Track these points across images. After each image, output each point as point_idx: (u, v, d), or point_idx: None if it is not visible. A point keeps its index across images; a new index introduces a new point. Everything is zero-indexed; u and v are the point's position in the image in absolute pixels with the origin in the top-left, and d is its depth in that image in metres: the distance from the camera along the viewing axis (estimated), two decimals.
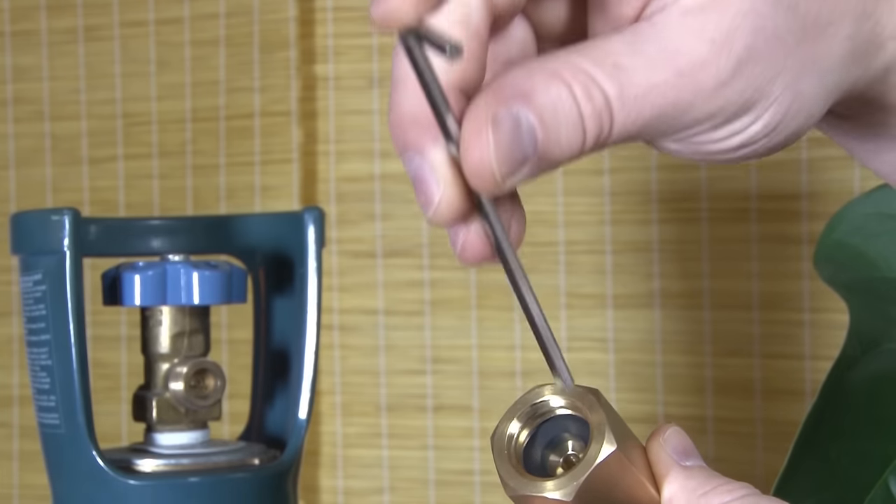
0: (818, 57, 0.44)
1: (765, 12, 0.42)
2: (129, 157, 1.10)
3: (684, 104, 0.42)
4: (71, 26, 1.11)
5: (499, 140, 0.41)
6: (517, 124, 0.41)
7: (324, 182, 1.06)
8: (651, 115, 0.42)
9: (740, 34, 0.42)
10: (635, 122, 0.42)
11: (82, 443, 0.70)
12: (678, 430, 0.46)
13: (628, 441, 0.45)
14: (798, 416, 0.91)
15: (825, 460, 0.67)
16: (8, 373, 1.13)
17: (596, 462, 0.43)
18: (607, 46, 0.42)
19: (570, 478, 0.44)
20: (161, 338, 0.74)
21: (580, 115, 0.41)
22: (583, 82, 0.41)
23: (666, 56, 0.42)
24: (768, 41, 0.43)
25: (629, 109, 0.42)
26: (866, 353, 0.70)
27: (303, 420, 0.75)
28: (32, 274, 0.72)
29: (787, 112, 0.44)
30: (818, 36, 0.44)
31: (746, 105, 0.43)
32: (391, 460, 1.04)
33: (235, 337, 1.06)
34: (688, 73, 0.42)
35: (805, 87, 0.44)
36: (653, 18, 0.43)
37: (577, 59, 0.42)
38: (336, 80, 1.05)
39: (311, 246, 0.76)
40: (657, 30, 0.42)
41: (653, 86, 0.42)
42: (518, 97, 0.41)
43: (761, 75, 0.43)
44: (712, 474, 0.45)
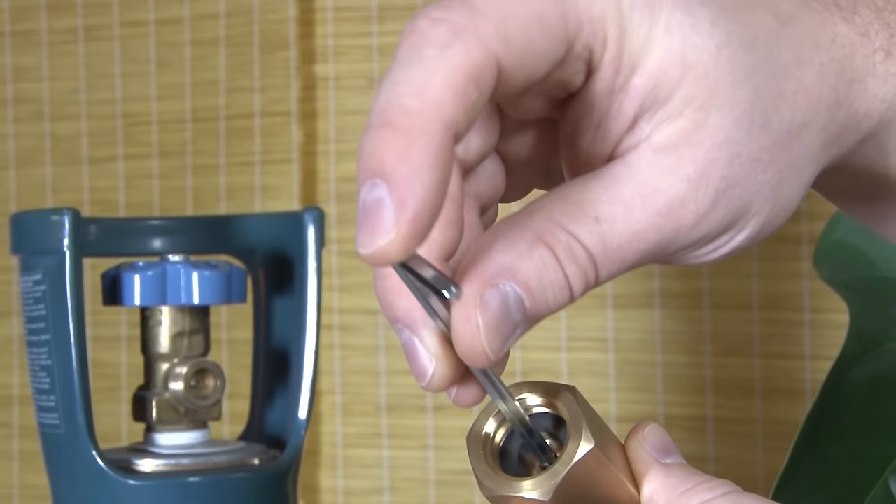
0: (794, 160, 0.44)
1: (739, 139, 0.43)
2: (129, 157, 1.10)
3: (666, 241, 0.43)
4: (71, 26, 1.11)
5: (488, 321, 0.41)
6: (505, 300, 0.41)
7: (324, 182, 1.06)
8: (634, 259, 0.42)
9: (716, 167, 0.42)
10: (620, 267, 0.42)
11: (82, 443, 0.70)
12: (657, 428, 0.46)
13: (606, 439, 0.44)
14: (798, 416, 0.91)
15: (825, 460, 0.67)
16: (8, 373, 1.13)
17: (574, 460, 0.43)
18: (585, 196, 0.42)
19: (548, 477, 0.43)
20: (161, 338, 0.74)
21: (565, 276, 0.41)
22: (565, 243, 0.41)
23: (644, 198, 0.42)
24: (744, 166, 0.43)
25: (613, 259, 0.42)
26: (866, 353, 0.70)
27: (303, 420, 0.75)
28: (32, 274, 0.72)
29: (767, 219, 0.44)
30: (793, 142, 0.44)
31: (728, 226, 0.44)
32: (391, 460, 1.04)
33: (235, 337, 1.06)
34: (667, 213, 0.42)
35: (784, 191, 0.44)
36: (627, 158, 0.43)
37: (557, 218, 0.42)
38: (336, 80, 1.05)
39: (310, 246, 0.76)
40: (632, 170, 0.42)
41: (634, 233, 0.42)
42: (503, 273, 0.41)
43: (740, 198, 0.43)
44: (692, 472, 0.45)
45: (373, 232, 0.38)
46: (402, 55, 0.40)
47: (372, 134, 0.39)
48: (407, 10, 1.03)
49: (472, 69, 0.39)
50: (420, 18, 0.40)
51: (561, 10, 0.41)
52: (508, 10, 0.41)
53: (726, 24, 0.43)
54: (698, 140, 0.42)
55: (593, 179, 0.42)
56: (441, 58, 0.39)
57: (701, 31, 0.42)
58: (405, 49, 0.40)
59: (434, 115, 0.39)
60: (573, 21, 0.42)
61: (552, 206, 0.42)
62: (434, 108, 0.39)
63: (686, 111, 0.42)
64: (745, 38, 0.43)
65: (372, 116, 0.39)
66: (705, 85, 0.42)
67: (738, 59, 0.43)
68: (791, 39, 0.44)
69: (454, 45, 0.40)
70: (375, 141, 0.38)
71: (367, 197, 0.38)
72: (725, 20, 0.43)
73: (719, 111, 0.42)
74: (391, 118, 0.38)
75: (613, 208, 0.42)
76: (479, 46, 0.40)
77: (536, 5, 0.41)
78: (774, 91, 0.43)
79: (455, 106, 0.39)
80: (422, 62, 0.39)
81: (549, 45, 0.41)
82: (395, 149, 0.38)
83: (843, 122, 0.45)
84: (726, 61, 0.42)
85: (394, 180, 0.38)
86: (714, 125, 0.42)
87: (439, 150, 0.38)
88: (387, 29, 1.04)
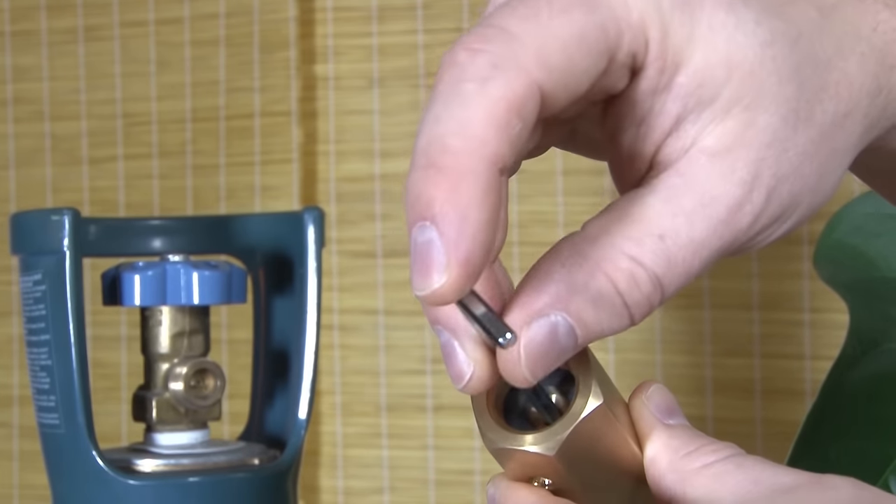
0: (836, 149, 0.44)
1: (786, 135, 0.43)
2: (129, 157, 1.10)
3: (726, 245, 0.43)
4: (71, 26, 1.11)
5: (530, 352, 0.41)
6: (553, 330, 0.41)
7: (324, 182, 1.06)
8: (699, 268, 0.42)
9: (767, 166, 0.42)
10: (685, 280, 0.42)
11: (82, 443, 0.70)
12: (661, 388, 0.46)
13: (614, 397, 0.44)
14: (798, 416, 0.91)
15: (825, 460, 0.67)
16: (8, 373, 1.13)
17: (581, 416, 0.42)
18: (645, 212, 0.42)
19: (554, 431, 0.42)
20: (161, 338, 0.74)
21: (625, 305, 0.41)
22: (627, 272, 0.41)
23: (704, 206, 0.42)
24: (792, 161, 0.43)
25: (678, 274, 0.42)
26: (866, 353, 0.70)
27: (303, 420, 0.75)
28: (32, 274, 0.72)
29: (811, 206, 0.44)
30: (836, 132, 0.44)
31: (778, 219, 0.44)
32: (391, 460, 1.04)
33: (235, 337, 1.05)
34: (727, 219, 0.42)
35: (827, 179, 0.44)
36: (679, 166, 0.42)
37: (619, 243, 0.41)
38: (336, 80, 1.05)
39: (310, 246, 0.76)
40: (687, 180, 0.42)
41: (698, 243, 0.42)
42: (555, 304, 0.41)
43: (790, 192, 0.43)
44: (696, 433, 0.45)
45: (426, 275, 0.38)
46: (442, 89, 0.40)
47: (418, 175, 0.38)
48: (407, 9, 1.03)
49: (514, 101, 0.39)
50: (458, 49, 0.40)
51: (600, 23, 0.41)
52: (547, 32, 0.40)
53: (770, 22, 0.43)
54: (748, 141, 0.42)
55: (651, 194, 0.42)
56: (482, 92, 0.39)
57: (745, 30, 0.42)
58: (445, 83, 0.40)
59: (479, 152, 0.38)
60: (613, 31, 0.41)
61: (613, 227, 0.42)
62: (478, 146, 0.38)
63: (733, 111, 0.42)
64: (789, 35, 0.43)
65: (416, 156, 0.39)
66: (751, 84, 0.42)
67: (783, 56, 0.43)
68: (833, 31, 0.44)
69: (494, 78, 0.39)
70: (421, 183, 0.38)
71: (419, 239, 0.38)
72: (769, 18, 0.43)
73: (766, 110, 0.42)
74: (436, 158, 0.38)
75: (676, 221, 0.42)
76: (519, 77, 0.39)
77: (575, 23, 0.41)
78: (818, 84, 0.43)
79: (499, 141, 0.39)
80: (462, 97, 0.39)
81: (591, 62, 0.41)
82: (442, 190, 0.38)
83: (882, 107, 0.45)
84: (771, 60, 0.42)
85: (443, 223, 0.38)
86: (762, 124, 0.42)
87: (486, 187, 0.38)
88: (387, 29, 1.04)
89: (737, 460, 0.43)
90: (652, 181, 0.43)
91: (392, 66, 1.04)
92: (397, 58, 1.04)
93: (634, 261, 0.41)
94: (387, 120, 1.04)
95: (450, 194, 0.38)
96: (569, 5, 0.41)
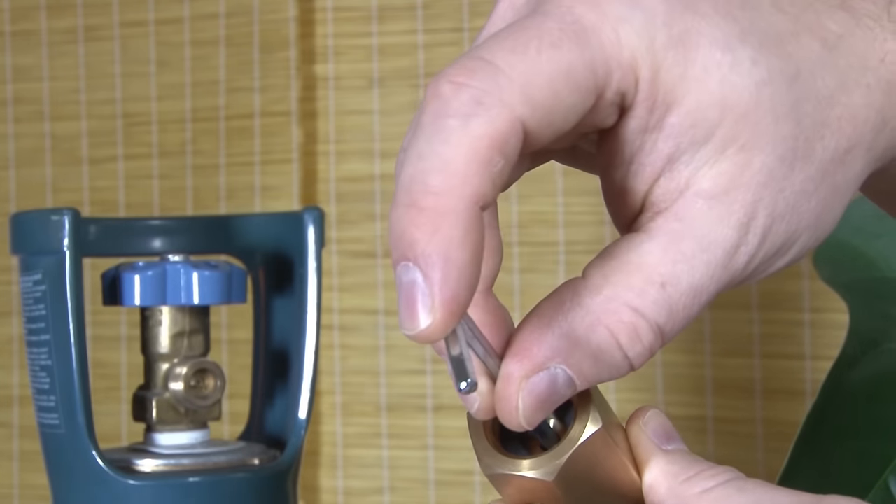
0: (837, 184, 0.44)
1: (783, 175, 0.42)
2: (129, 157, 1.10)
3: (723, 286, 0.42)
4: (71, 26, 1.11)
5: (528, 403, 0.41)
6: (553, 382, 0.41)
7: (324, 182, 1.06)
8: (698, 312, 0.42)
9: (763, 206, 0.42)
10: (684, 325, 0.42)
11: (82, 443, 0.70)
12: (658, 413, 0.46)
13: (612, 422, 0.44)
14: (798, 416, 0.91)
15: (825, 460, 0.67)
16: (8, 373, 1.13)
17: (580, 440, 0.42)
18: (646, 261, 0.42)
19: (552, 456, 0.42)
20: (161, 338, 0.74)
21: (626, 357, 0.41)
22: (629, 325, 0.41)
23: (703, 252, 0.42)
24: (788, 199, 0.42)
25: (678, 320, 0.42)
26: (866, 353, 0.70)
27: (303, 420, 0.75)
28: (32, 274, 0.72)
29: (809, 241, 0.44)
30: (837, 168, 0.43)
31: (774, 256, 0.44)
32: (391, 460, 1.04)
33: (235, 337, 1.05)
34: (724, 263, 0.42)
35: (827, 215, 0.44)
36: (677, 211, 0.42)
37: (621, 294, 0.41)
38: (336, 80, 1.05)
39: (310, 246, 0.76)
40: (686, 224, 0.42)
41: (697, 289, 0.42)
42: (555, 357, 0.41)
43: (786, 231, 0.43)
44: (694, 459, 0.45)
45: (412, 315, 0.38)
46: (426, 122, 0.40)
47: (400, 212, 0.38)
48: (407, 9, 1.03)
49: (496, 139, 0.39)
50: (443, 82, 0.40)
51: (588, 60, 0.41)
52: (534, 68, 0.40)
53: (767, 60, 0.42)
54: (744, 182, 0.42)
55: (650, 240, 0.42)
56: (464, 129, 0.39)
57: (741, 70, 0.42)
58: (428, 115, 0.40)
59: (459, 192, 0.38)
60: (602, 69, 0.41)
61: (615, 276, 0.42)
62: (459, 185, 0.38)
63: (728, 152, 0.42)
64: (786, 73, 0.42)
65: (398, 193, 0.39)
66: (746, 125, 0.42)
67: (779, 95, 0.42)
68: (837, 64, 0.44)
69: (477, 115, 0.39)
70: (404, 221, 0.38)
71: (403, 279, 0.38)
72: (766, 56, 0.42)
73: (762, 150, 0.42)
74: (417, 198, 0.38)
75: (677, 268, 0.41)
76: (502, 114, 0.39)
77: (563, 58, 0.40)
78: (818, 120, 0.43)
79: (481, 178, 0.39)
80: (445, 133, 0.39)
81: (577, 98, 0.40)
82: (424, 232, 0.38)
83: (888, 139, 0.45)
84: (767, 99, 0.42)
85: (426, 265, 0.38)
86: (758, 165, 0.42)
87: (468, 226, 0.38)
88: (387, 29, 1.04)
89: (737, 484, 0.43)
90: (649, 225, 0.42)
91: (392, 66, 1.04)
92: (397, 58, 1.04)
93: (637, 312, 0.41)
94: (387, 120, 1.04)
95: (432, 236, 0.38)
96: (559, 40, 0.40)
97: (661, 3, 0.42)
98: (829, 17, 0.44)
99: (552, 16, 0.41)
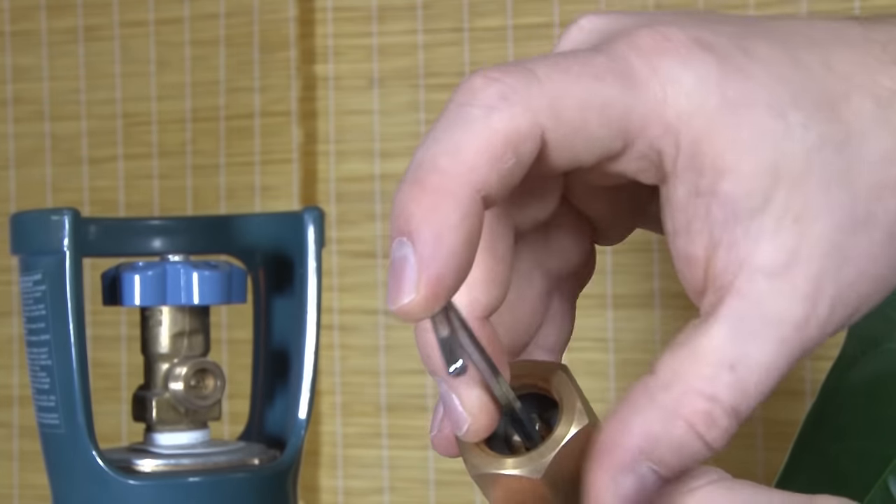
0: None
1: (844, 243, 0.42)
2: (129, 157, 1.10)
3: (797, 357, 0.42)
4: (71, 26, 1.11)
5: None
6: (642, 481, 0.41)
7: (324, 182, 1.05)
8: (772, 387, 0.42)
9: (828, 278, 0.41)
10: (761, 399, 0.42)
11: (82, 443, 0.70)
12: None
13: (595, 419, 0.44)
14: (798, 416, 0.91)
15: (825, 460, 0.67)
16: (8, 373, 1.13)
17: (567, 436, 0.42)
18: (714, 345, 0.41)
19: (540, 454, 0.42)
20: (161, 338, 0.74)
21: (705, 443, 0.41)
22: (704, 414, 0.41)
23: (770, 329, 0.41)
24: (857, 266, 0.42)
25: (753, 396, 0.41)
26: (866, 353, 0.70)
27: (303, 420, 0.75)
28: (32, 274, 0.72)
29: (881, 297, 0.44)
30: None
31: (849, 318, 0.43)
32: (391, 460, 1.04)
33: (235, 337, 1.05)
34: (795, 337, 0.41)
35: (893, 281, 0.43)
36: (739, 288, 0.41)
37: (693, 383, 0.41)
38: (336, 80, 1.05)
39: (310, 246, 0.76)
40: (751, 302, 0.41)
41: (769, 366, 0.41)
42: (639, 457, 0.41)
43: (857, 295, 0.42)
44: None
45: (398, 290, 0.38)
46: (450, 111, 0.40)
47: (403, 190, 0.39)
48: (407, 10, 1.03)
49: (511, 136, 0.39)
50: (477, 75, 0.40)
51: (628, 105, 0.40)
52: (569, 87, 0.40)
53: (818, 126, 0.42)
54: (805, 255, 0.41)
55: (716, 323, 0.41)
56: (484, 120, 0.39)
57: (793, 136, 0.41)
58: (454, 104, 0.40)
59: (464, 177, 0.39)
60: (638, 120, 0.41)
61: (683, 368, 0.41)
62: (465, 171, 0.39)
63: (784, 223, 0.41)
64: (837, 139, 0.42)
65: (408, 171, 0.39)
66: (799, 194, 0.41)
67: (829, 162, 0.41)
68: (890, 121, 0.43)
69: (500, 109, 0.39)
70: (406, 198, 0.39)
71: (395, 254, 0.38)
72: (818, 121, 0.42)
73: (817, 219, 0.41)
74: (422, 176, 0.39)
75: (746, 348, 0.41)
76: (525, 114, 0.39)
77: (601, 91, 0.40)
78: (874, 182, 0.42)
79: (489, 170, 0.39)
80: (465, 121, 0.39)
81: (604, 134, 0.40)
82: (421, 208, 0.38)
83: None
84: (818, 167, 0.41)
85: (418, 241, 0.38)
86: (816, 235, 0.41)
87: (466, 212, 0.38)
88: (387, 29, 1.04)
89: (726, 484, 0.43)
90: (714, 309, 0.42)
91: (392, 66, 1.04)
92: (397, 58, 1.04)
93: (711, 400, 0.41)
94: (387, 120, 1.04)
95: (428, 213, 0.38)
96: (603, 74, 0.40)
97: (715, 67, 0.41)
98: (883, 73, 0.43)
99: (605, 54, 0.41)
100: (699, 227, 0.42)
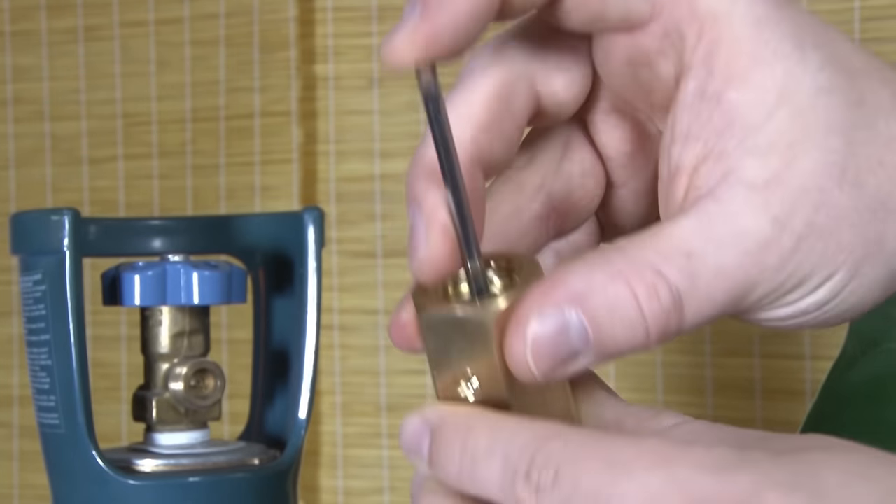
0: (884, 239, 0.43)
1: (826, 188, 0.41)
2: (129, 157, 1.10)
3: (751, 283, 0.41)
4: (71, 26, 1.11)
5: (537, 340, 0.40)
6: (564, 326, 0.40)
7: (324, 182, 1.06)
8: (723, 300, 0.41)
9: (801, 210, 0.41)
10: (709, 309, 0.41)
11: (82, 443, 0.70)
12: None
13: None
14: (798, 416, 0.91)
15: None
16: (8, 373, 1.13)
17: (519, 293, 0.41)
18: (677, 232, 0.41)
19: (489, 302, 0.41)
20: (161, 338, 0.74)
21: (642, 316, 0.40)
22: (649, 282, 0.40)
23: (735, 235, 0.41)
24: (829, 219, 0.42)
25: (700, 297, 0.41)
26: (866, 352, 0.70)
27: (303, 420, 0.75)
28: (32, 274, 0.72)
29: (842, 290, 0.43)
30: (888, 217, 0.43)
31: (801, 279, 0.42)
32: (391, 460, 1.04)
33: (235, 337, 1.06)
34: (755, 253, 0.41)
35: (867, 269, 0.43)
36: (717, 193, 0.42)
37: (646, 255, 0.41)
38: (336, 80, 1.05)
39: (310, 246, 0.76)
40: (724, 207, 0.41)
41: (723, 271, 0.41)
42: (571, 299, 0.40)
43: (821, 252, 0.42)
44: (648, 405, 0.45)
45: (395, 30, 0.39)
46: None
47: None
48: None
49: None
50: None
51: None
52: None
53: (834, 76, 0.42)
54: (786, 180, 0.41)
55: (684, 217, 0.42)
56: None
57: (807, 67, 0.42)
58: None
59: None
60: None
61: (642, 242, 0.41)
62: None
63: (777, 146, 0.41)
64: (850, 97, 0.42)
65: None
66: (797, 123, 0.41)
67: (835, 109, 0.42)
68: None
69: None
70: None
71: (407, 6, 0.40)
72: (834, 71, 0.42)
73: (808, 154, 0.41)
74: None
75: (707, 245, 0.41)
76: None
77: None
78: (874, 156, 0.42)
79: None
80: None
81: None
82: None
83: None
84: (823, 109, 0.41)
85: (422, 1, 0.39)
86: (803, 167, 0.41)
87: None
88: (387, 29, 1.04)
89: (705, 422, 0.42)
90: (687, 205, 0.42)
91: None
92: None
93: (658, 274, 0.41)
94: (387, 120, 1.04)
95: None
96: None
97: None
98: None
99: None
100: (696, 133, 0.42)
